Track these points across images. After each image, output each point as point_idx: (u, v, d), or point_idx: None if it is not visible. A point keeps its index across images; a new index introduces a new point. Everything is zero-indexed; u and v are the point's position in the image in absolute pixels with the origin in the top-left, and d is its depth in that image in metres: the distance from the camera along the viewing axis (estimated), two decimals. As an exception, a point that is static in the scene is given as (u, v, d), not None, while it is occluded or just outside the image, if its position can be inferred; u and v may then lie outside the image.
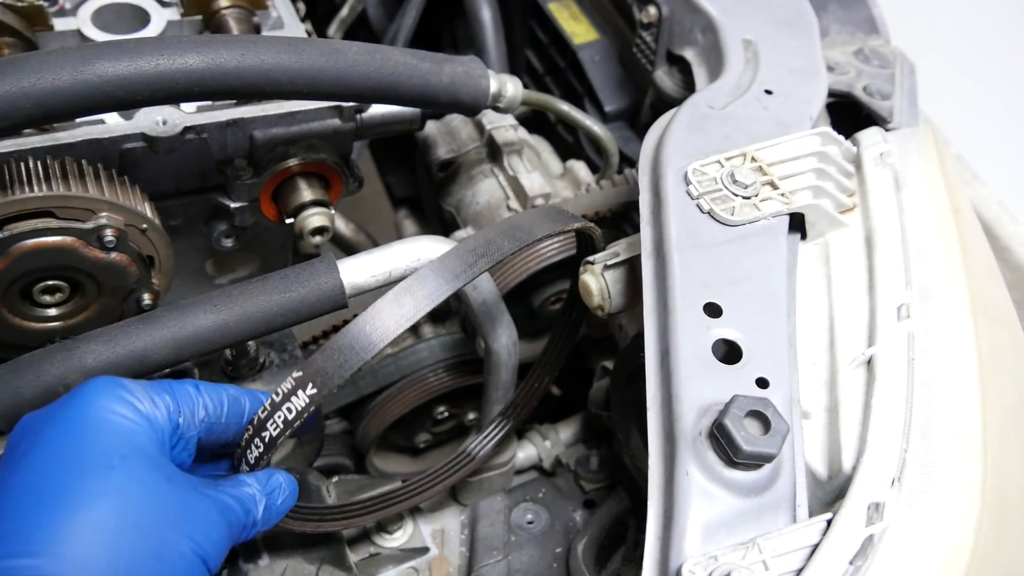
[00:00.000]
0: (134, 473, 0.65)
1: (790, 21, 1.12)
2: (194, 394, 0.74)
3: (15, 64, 0.75)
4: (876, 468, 0.70)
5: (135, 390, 0.70)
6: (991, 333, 0.82)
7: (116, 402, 0.69)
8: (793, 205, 0.85)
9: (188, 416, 0.73)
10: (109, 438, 0.66)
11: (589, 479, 1.15)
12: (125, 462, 0.65)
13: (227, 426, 0.76)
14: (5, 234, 0.84)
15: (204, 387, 0.76)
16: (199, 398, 0.74)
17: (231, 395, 0.77)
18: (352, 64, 0.87)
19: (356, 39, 1.76)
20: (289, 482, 0.78)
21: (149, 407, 0.70)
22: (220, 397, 0.76)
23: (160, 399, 0.71)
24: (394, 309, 0.70)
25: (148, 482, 0.66)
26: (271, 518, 0.77)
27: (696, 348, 0.73)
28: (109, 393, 0.69)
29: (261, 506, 0.75)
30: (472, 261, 0.74)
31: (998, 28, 3.16)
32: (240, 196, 1.01)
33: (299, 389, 0.70)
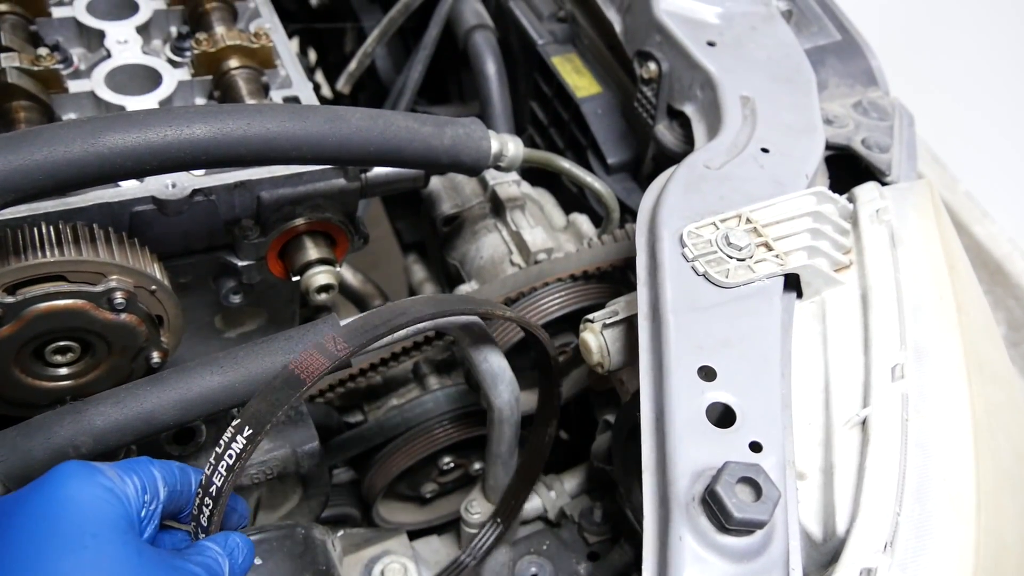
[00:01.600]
0: (106, 551, 0.67)
1: (788, 77, 1.14)
2: (152, 469, 0.76)
3: (28, 137, 0.78)
4: (869, 532, 0.71)
5: (105, 470, 0.72)
6: (986, 393, 0.82)
7: (86, 483, 0.70)
8: (787, 266, 0.86)
9: (152, 488, 0.75)
10: (81, 517, 0.68)
11: (593, 531, 1.15)
12: (97, 540, 0.67)
13: (181, 494, 0.78)
14: (18, 298, 0.86)
15: (156, 462, 0.78)
16: (156, 471, 0.76)
17: (178, 467, 0.79)
18: (355, 130, 0.89)
19: (365, 90, 1.81)
20: (244, 542, 0.80)
21: (120, 484, 0.72)
22: (171, 469, 0.78)
23: (128, 476, 0.73)
24: (319, 355, 0.79)
25: (120, 559, 0.67)
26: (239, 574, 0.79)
27: (690, 412, 0.74)
28: (79, 474, 0.70)
29: (226, 568, 0.76)
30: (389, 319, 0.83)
31: (1008, 62, 3.17)
32: (247, 255, 1.03)
33: (237, 435, 0.75)
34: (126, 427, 0.82)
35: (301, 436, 1.03)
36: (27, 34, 1.10)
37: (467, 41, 1.45)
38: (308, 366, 0.79)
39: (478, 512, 1.16)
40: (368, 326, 0.83)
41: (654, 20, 1.19)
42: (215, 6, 1.17)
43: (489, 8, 1.54)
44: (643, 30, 1.22)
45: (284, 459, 1.01)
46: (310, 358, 0.80)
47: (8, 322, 0.86)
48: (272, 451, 1.01)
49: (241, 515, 0.88)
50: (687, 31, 1.17)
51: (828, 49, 1.26)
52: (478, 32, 1.45)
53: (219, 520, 0.78)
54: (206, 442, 1.02)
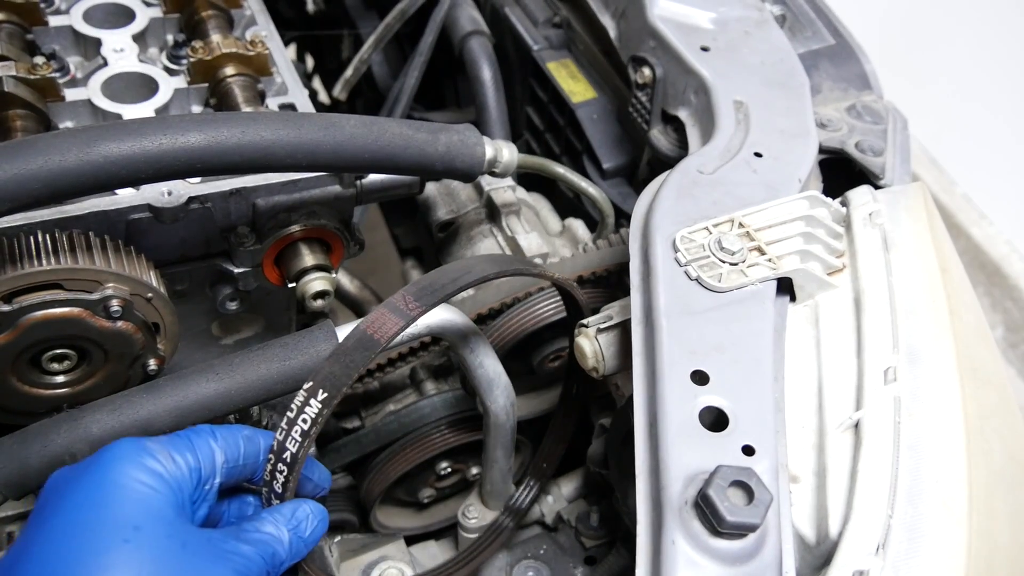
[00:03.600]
0: (147, 544, 0.67)
1: (781, 81, 1.14)
2: (212, 442, 0.76)
3: (24, 147, 0.78)
4: (861, 534, 0.71)
5: (157, 452, 0.72)
6: (978, 395, 0.83)
7: (135, 467, 0.70)
8: (780, 270, 0.87)
9: (208, 466, 0.75)
10: (126, 508, 0.68)
11: (590, 535, 1.16)
12: (139, 533, 0.67)
13: (245, 467, 0.78)
14: (15, 306, 0.86)
15: (220, 431, 0.77)
16: (216, 444, 0.76)
17: (245, 435, 0.79)
18: (349, 137, 0.90)
19: (362, 96, 1.81)
20: (317, 511, 0.79)
21: (171, 467, 0.72)
22: (236, 439, 0.78)
23: (181, 456, 0.73)
24: (392, 314, 0.76)
25: (161, 552, 0.67)
26: (301, 550, 0.78)
27: (683, 416, 0.75)
28: (130, 458, 0.71)
29: (286, 542, 0.76)
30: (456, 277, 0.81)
31: (1006, 64, 3.18)
32: (243, 262, 1.03)
33: (311, 398, 0.72)
34: (123, 434, 0.82)
35: (298, 442, 1.03)
36: (23, 43, 1.10)
37: (463, 47, 1.46)
38: (381, 326, 0.76)
39: (475, 517, 1.16)
40: (436, 285, 0.80)
41: (648, 25, 1.20)
42: (211, 14, 1.18)
43: (484, 14, 1.54)
44: (637, 35, 1.23)
45: (281, 465, 1.01)
46: (382, 318, 0.77)
47: (4, 330, 0.87)
48: (269, 457, 1.01)
49: (317, 484, 0.87)
50: (681, 36, 1.18)
51: (822, 53, 1.27)
52: (474, 38, 1.45)
53: (294, 487, 0.76)
54: None
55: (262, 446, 0.79)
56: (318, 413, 0.72)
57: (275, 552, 0.75)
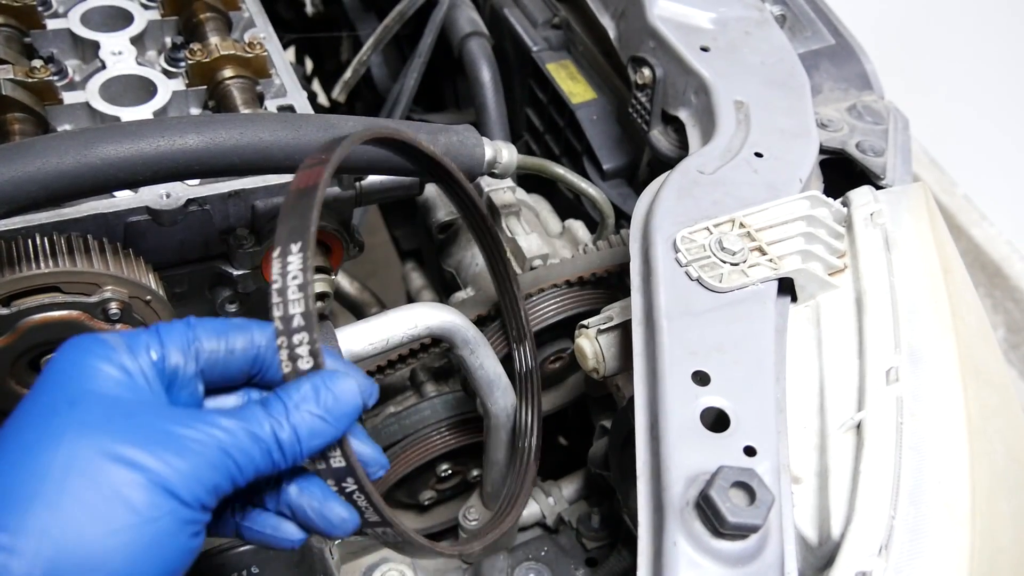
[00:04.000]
0: (76, 417, 0.59)
1: (782, 81, 1.14)
2: (185, 330, 0.67)
3: (21, 149, 0.78)
4: (864, 535, 0.71)
5: (110, 339, 0.64)
6: (981, 396, 0.82)
7: (85, 354, 0.63)
8: (781, 270, 0.86)
9: (177, 353, 0.65)
10: (65, 386, 0.61)
11: (591, 537, 1.15)
12: (73, 407, 0.60)
13: (231, 354, 0.68)
14: (13, 309, 0.86)
15: (198, 321, 0.68)
16: (191, 331, 0.67)
17: (234, 324, 0.69)
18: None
19: (361, 98, 1.81)
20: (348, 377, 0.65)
21: (124, 353, 0.63)
22: (217, 327, 0.68)
23: (139, 343, 0.65)
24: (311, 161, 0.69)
25: (91, 422, 0.59)
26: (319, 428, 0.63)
27: (684, 417, 0.75)
28: (81, 347, 0.64)
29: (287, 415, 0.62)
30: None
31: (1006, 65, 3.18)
32: (243, 264, 1.03)
33: (287, 256, 0.64)
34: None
35: (297, 445, 1.02)
36: (21, 46, 1.10)
37: (462, 48, 1.45)
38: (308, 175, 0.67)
39: (476, 519, 1.16)
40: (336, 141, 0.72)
41: (648, 26, 1.20)
42: (209, 16, 1.18)
43: (484, 15, 1.54)
44: (637, 36, 1.22)
45: (281, 468, 1.01)
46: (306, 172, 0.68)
47: (3, 334, 0.86)
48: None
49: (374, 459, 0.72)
50: (681, 37, 1.17)
51: (822, 53, 1.27)
52: (473, 39, 1.45)
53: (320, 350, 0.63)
54: None
55: (254, 332, 0.69)
56: (303, 261, 0.62)
57: (272, 428, 0.62)
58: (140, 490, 0.58)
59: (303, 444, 0.63)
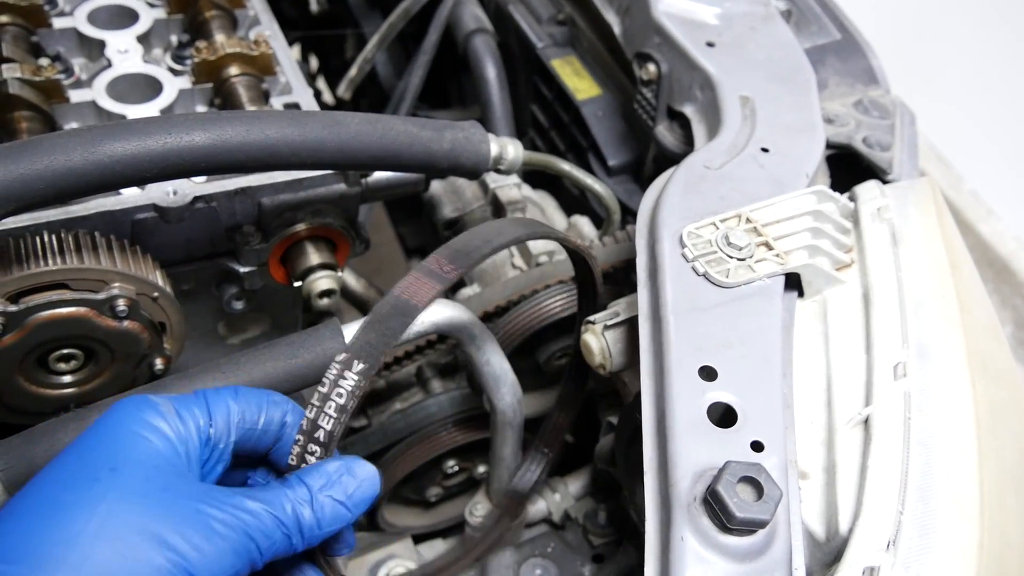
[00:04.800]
0: (119, 485, 0.61)
1: (787, 76, 1.14)
2: (230, 400, 0.69)
3: (28, 147, 0.78)
4: (872, 531, 0.71)
5: (160, 405, 0.66)
6: (989, 391, 0.82)
7: (132, 419, 0.65)
8: (788, 266, 0.86)
9: (221, 425, 0.68)
10: (108, 451, 0.63)
11: (597, 533, 1.15)
12: (114, 474, 0.62)
13: (266, 432, 0.70)
14: (21, 306, 0.86)
15: (244, 392, 0.71)
16: (236, 404, 0.69)
17: (272, 400, 0.72)
18: (354, 135, 0.89)
19: (366, 95, 1.81)
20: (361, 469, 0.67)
21: (173, 422, 0.66)
22: (260, 401, 0.71)
23: (188, 412, 0.67)
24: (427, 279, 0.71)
25: (133, 493, 0.61)
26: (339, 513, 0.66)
27: (691, 412, 0.74)
28: (129, 410, 0.65)
29: (309, 500, 0.65)
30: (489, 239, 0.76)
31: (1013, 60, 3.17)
32: (249, 261, 1.03)
33: (346, 370, 0.65)
34: None
35: (304, 441, 1.03)
36: (28, 45, 1.10)
37: (467, 45, 1.45)
38: (417, 291, 0.70)
39: (482, 515, 1.16)
40: (470, 246, 0.75)
41: (653, 21, 1.19)
42: (215, 14, 1.18)
43: (488, 12, 1.54)
44: (642, 32, 1.22)
45: (288, 464, 1.01)
46: (417, 282, 0.70)
47: (11, 331, 0.87)
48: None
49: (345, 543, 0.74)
50: (686, 32, 1.17)
51: (828, 48, 1.26)
52: (478, 36, 1.45)
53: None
54: None
55: (289, 410, 0.72)
56: (355, 385, 0.64)
57: (295, 511, 0.64)
58: (163, 570, 0.59)
59: (323, 529, 0.65)
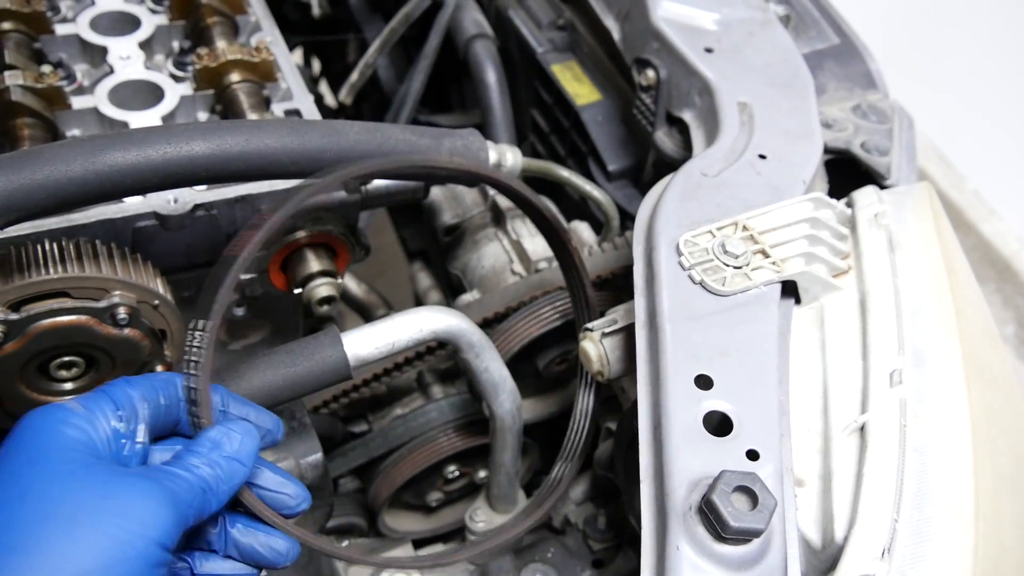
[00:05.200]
0: (38, 472, 0.66)
1: (786, 82, 1.14)
2: (128, 389, 0.75)
3: (30, 157, 0.79)
4: (867, 539, 0.71)
5: (69, 405, 0.71)
6: (985, 397, 0.83)
7: (44, 420, 0.70)
8: (784, 273, 0.87)
9: (128, 409, 0.73)
10: (23, 450, 0.68)
11: (597, 539, 1.16)
12: (31, 465, 0.67)
13: (169, 407, 0.76)
14: (23, 315, 0.87)
15: (133, 379, 0.76)
16: (134, 390, 0.75)
17: (161, 379, 0.78)
18: (353, 144, 0.90)
19: (368, 100, 1.82)
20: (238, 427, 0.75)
21: (82, 414, 0.70)
22: (153, 383, 0.76)
23: (95, 405, 0.72)
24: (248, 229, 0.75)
25: (56, 474, 0.66)
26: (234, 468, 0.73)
27: (687, 421, 0.75)
28: (40, 416, 0.70)
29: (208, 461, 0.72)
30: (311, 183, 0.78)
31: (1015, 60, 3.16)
32: (249, 268, 1.04)
33: (195, 331, 0.75)
34: None
35: (304, 447, 1.03)
36: (31, 52, 1.11)
37: (467, 50, 1.46)
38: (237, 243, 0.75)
39: (482, 520, 1.16)
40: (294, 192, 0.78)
41: (652, 27, 1.20)
42: (216, 21, 1.18)
43: (489, 17, 1.54)
44: (641, 37, 1.23)
45: (287, 470, 1.02)
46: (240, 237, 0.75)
47: (13, 339, 0.87)
48: (276, 463, 1.01)
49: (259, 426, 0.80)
50: (685, 38, 1.18)
51: (826, 53, 1.27)
52: (478, 41, 1.45)
53: (208, 423, 0.75)
54: None
55: (179, 383, 0.77)
56: (204, 340, 0.73)
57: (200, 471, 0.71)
58: (113, 537, 0.64)
59: (228, 483, 0.73)
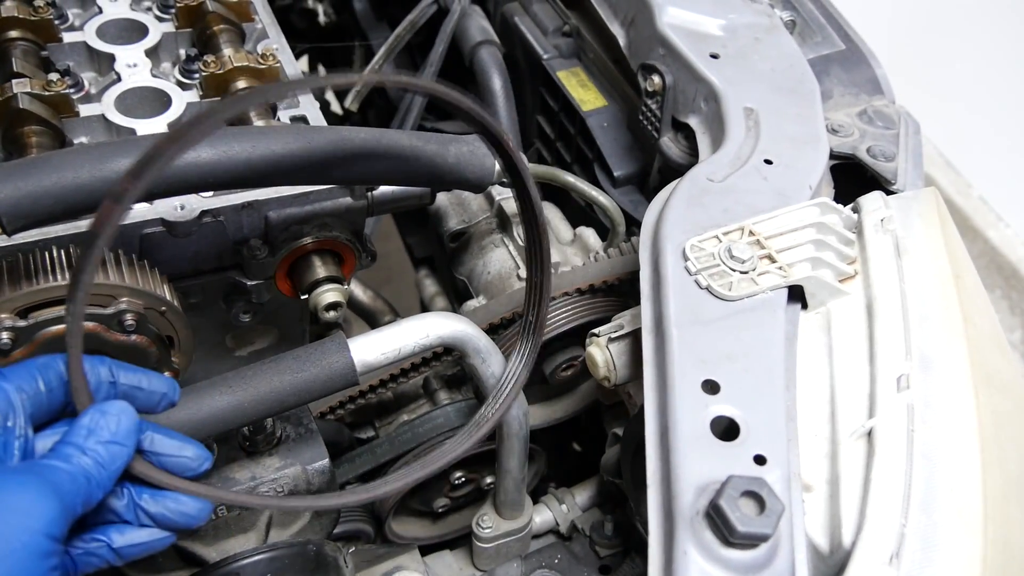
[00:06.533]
0: None
1: (791, 87, 1.14)
2: (3, 383, 0.73)
3: (37, 164, 0.79)
4: (875, 544, 0.71)
5: None
6: (993, 402, 0.82)
7: None
8: (791, 278, 0.86)
9: (3, 406, 0.72)
10: None
11: (604, 544, 1.15)
12: None
13: (51, 391, 0.75)
14: (30, 321, 0.87)
15: (9, 370, 0.75)
16: (9, 383, 0.74)
17: (39, 364, 0.76)
18: (359, 150, 0.90)
19: (374, 106, 1.82)
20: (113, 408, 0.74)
21: None
22: (30, 371, 0.75)
23: None
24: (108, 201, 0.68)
25: None
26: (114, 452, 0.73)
27: (694, 426, 0.75)
28: None
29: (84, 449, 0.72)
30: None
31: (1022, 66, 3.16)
32: (256, 274, 1.04)
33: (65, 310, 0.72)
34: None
35: (311, 454, 1.03)
36: (38, 60, 1.11)
37: (473, 57, 1.46)
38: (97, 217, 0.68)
39: (490, 526, 1.16)
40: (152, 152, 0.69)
41: (657, 33, 1.20)
42: (223, 28, 1.19)
43: (494, 24, 1.55)
44: (647, 43, 1.23)
45: (294, 477, 1.02)
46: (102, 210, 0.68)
47: (21, 345, 0.87)
48: (282, 469, 1.02)
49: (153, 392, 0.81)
50: (690, 44, 1.18)
51: (832, 58, 1.27)
52: (484, 48, 1.46)
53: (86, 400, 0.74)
54: (217, 459, 1.03)
55: (62, 368, 0.76)
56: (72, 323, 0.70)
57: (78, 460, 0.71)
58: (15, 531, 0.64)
59: (109, 468, 0.72)
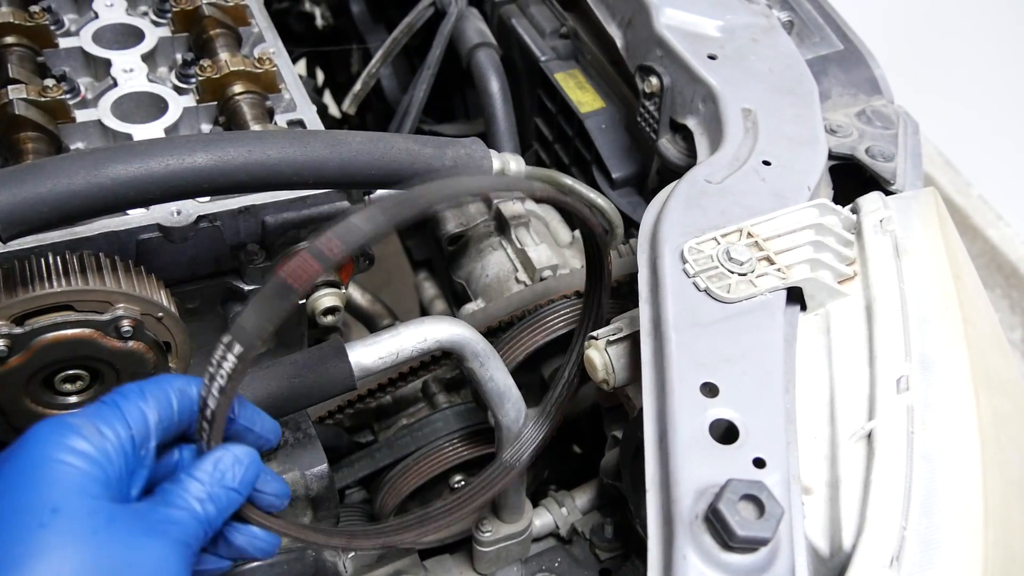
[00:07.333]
0: (67, 525, 0.63)
1: (789, 88, 1.14)
2: (141, 404, 0.73)
3: (32, 171, 0.79)
4: (875, 546, 0.71)
5: (81, 427, 0.68)
6: (993, 403, 0.82)
7: (55, 447, 0.66)
8: (789, 280, 0.86)
9: (141, 430, 0.71)
10: (44, 490, 0.64)
11: (604, 548, 1.15)
12: (57, 515, 0.63)
13: (181, 422, 0.75)
14: (27, 328, 0.87)
15: (148, 389, 0.74)
16: (147, 405, 0.73)
17: (177, 388, 0.75)
18: (356, 154, 0.90)
19: (371, 110, 1.82)
20: (243, 455, 0.74)
21: (97, 441, 0.68)
22: (167, 396, 0.74)
23: (109, 427, 0.69)
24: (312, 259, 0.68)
25: (84, 532, 0.64)
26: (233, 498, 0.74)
27: (693, 429, 0.74)
28: (49, 438, 0.67)
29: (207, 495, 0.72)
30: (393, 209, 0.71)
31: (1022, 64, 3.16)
32: (254, 279, 1.04)
33: (228, 352, 0.69)
34: None
35: (309, 458, 1.03)
36: (34, 65, 1.11)
37: (470, 59, 1.46)
38: (300, 273, 0.68)
39: (490, 530, 1.16)
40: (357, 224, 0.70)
41: (655, 34, 1.20)
42: (219, 32, 1.18)
43: (492, 26, 1.55)
44: (644, 45, 1.23)
45: (293, 482, 1.02)
46: (303, 263, 0.68)
47: (17, 352, 0.87)
48: (281, 474, 1.01)
49: (260, 436, 0.82)
50: (688, 45, 1.17)
51: (830, 59, 1.26)
52: (481, 50, 1.45)
53: (219, 441, 0.75)
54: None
55: (196, 396, 0.75)
56: (233, 368, 0.69)
57: (204, 508, 0.71)
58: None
59: (223, 515, 0.74)
